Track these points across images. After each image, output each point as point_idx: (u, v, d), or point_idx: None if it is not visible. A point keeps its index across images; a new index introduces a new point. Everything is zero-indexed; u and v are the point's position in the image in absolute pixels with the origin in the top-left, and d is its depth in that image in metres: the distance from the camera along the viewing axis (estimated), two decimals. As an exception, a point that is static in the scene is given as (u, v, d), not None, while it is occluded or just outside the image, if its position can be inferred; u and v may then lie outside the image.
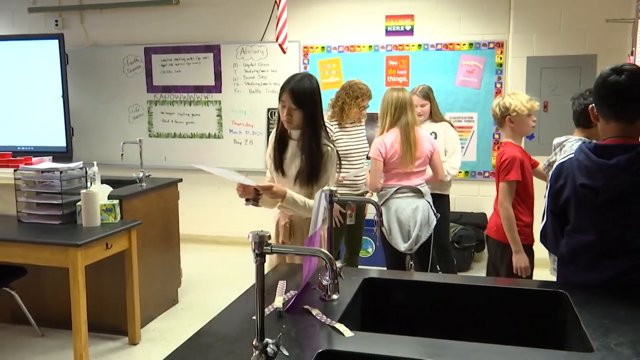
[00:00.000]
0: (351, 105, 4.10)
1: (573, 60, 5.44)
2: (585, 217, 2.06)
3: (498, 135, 5.80)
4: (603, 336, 1.63)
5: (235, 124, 6.53)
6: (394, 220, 3.79)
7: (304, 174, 2.69)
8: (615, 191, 1.95)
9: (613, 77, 1.96)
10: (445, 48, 5.84)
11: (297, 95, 2.66)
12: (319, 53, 6.17)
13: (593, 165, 1.98)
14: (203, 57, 6.51)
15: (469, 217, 5.81)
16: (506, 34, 5.71)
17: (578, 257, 2.10)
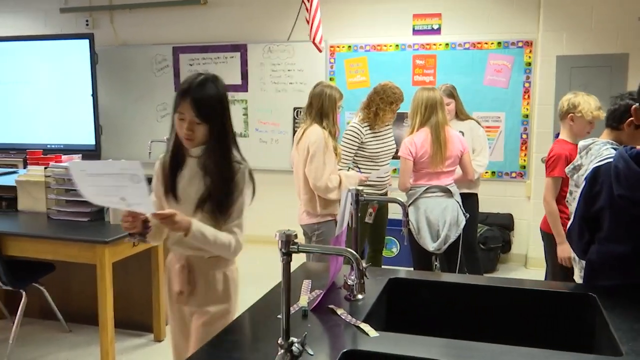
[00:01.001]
0: (386, 111, 4.09)
1: (604, 59, 5.34)
2: (620, 227, 1.99)
3: (526, 135, 5.74)
4: (633, 340, 1.60)
5: (261, 123, 6.56)
6: (423, 219, 3.78)
7: (209, 200, 2.11)
8: None
9: None
10: (473, 47, 5.80)
11: (201, 106, 2.10)
12: (345, 52, 6.17)
13: (633, 175, 1.88)
14: (230, 56, 6.56)
15: (495, 217, 5.75)
16: (535, 33, 5.63)
17: (609, 267, 2.05)
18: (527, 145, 5.76)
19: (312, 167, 3.50)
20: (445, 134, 3.78)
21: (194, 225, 2.03)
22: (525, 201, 5.82)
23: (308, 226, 3.69)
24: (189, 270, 2.19)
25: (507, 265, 5.86)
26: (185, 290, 2.19)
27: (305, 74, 6.27)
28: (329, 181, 3.50)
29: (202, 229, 2.05)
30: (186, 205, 2.14)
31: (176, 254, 2.24)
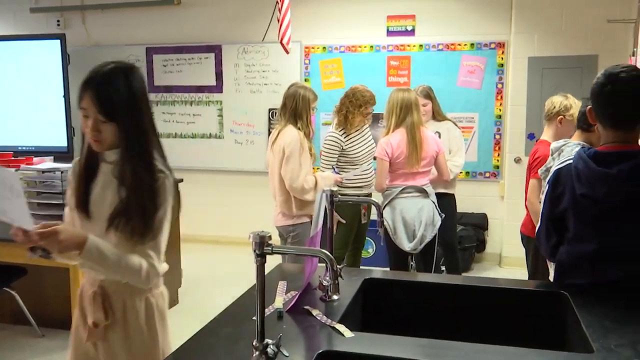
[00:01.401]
0: (355, 114, 4.09)
1: (574, 60, 5.43)
2: (585, 226, 2.02)
3: (499, 136, 5.80)
4: (603, 337, 1.63)
5: (236, 124, 6.53)
6: (399, 220, 3.80)
7: (123, 216, 1.75)
8: (616, 201, 1.92)
9: (609, 87, 1.92)
10: (447, 48, 5.85)
11: (105, 101, 1.75)
12: (320, 53, 6.18)
13: (593, 174, 1.93)
14: (204, 57, 6.52)
15: (469, 217, 5.81)
16: (507, 34, 5.70)
17: (578, 266, 2.07)
18: (500, 146, 5.82)
19: (288, 168, 3.49)
20: (420, 134, 3.81)
21: (89, 241, 1.65)
22: (499, 201, 5.88)
23: (284, 227, 3.68)
24: (103, 297, 1.82)
25: (482, 264, 5.93)
26: (100, 322, 1.81)
27: (280, 75, 6.26)
28: (305, 182, 3.50)
29: (100, 247, 1.67)
30: (98, 223, 1.78)
31: (88, 277, 1.86)
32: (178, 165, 6.67)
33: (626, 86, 1.89)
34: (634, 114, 1.93)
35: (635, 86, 1.89)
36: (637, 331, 1.66)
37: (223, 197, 6.64)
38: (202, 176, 6.64)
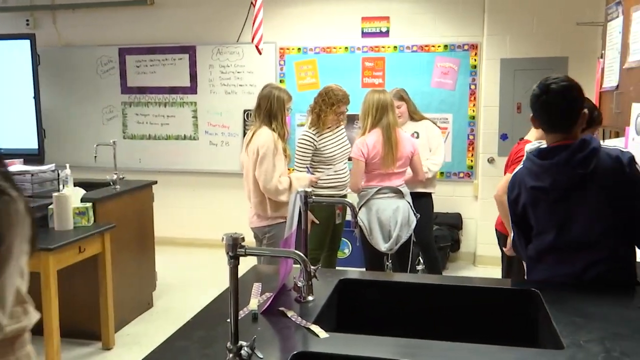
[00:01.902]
0: (327, 112, 4.11)
1: (545, 62, 5.52)
2: (543, 217, 2.17)
3: (473, 136, 5.87)
4: (573, 333, 1.66)
5: (210, 126, 6.50)
6: (374, 220, 3.81)
7: None
8: (562, 187, 2.09)
9: (543, 96, 2.11)
10: (421, 50, 5.89)
11: None
12: (295, 54, 6.18)
13: (539, 168, 2.13)
14: (178, 58, 6.47)
15: (444, 217, 5.86)
16: (480, 36, 5.77)
17: (543, 257, 2.19)
18: (474, 146, 5.89)
19: (262, 169, 3.49)
20: (396, 135, 3.83)
21: None
22: (473, 201, 5.95)
23: (259, 229, 3.67)
24: None
25: (457, 263, 5.98)
26: None
27: (255, 76, 6.24)
28: (279, 183, 3.50)
29: None
30: None
31: None
32: (152, 167, 6.67)
33: (557, 96, 2.08)
34: (566, 120, 2.10)
35: (565, 95, 2.08)
36: (605, 327, 1.70)
37: (198, 198, 6.60)
38: (177, 178, 6.59)
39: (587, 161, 2.03)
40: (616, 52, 3.03)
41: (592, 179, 2.04)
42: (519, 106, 5.63)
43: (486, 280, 2.46)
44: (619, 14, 3.00)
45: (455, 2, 5.81)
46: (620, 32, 2.95)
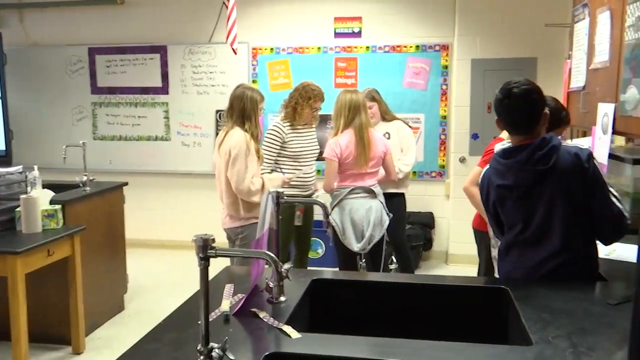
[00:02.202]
0: (304, 106, 4.14)
1: (515, 62, 5.60)
2: (509, 214, 2.27)
3: (444, 136, 5.92)
4: (541, 330, 1.68)
5: (183, 126, 6.44)
6: (347, 220, 3.82)
7: None
8: (524, 185, 2.18)
9: (505, 100, 2.20)
10: (393, 50, 5.93)
11: None
12: (267, 54, 6.16)
13: (503, 167, 2.24)
14: (149, 57, 6.40)
15: (416, 216, 5.90)
16: (451, 37, 5.83)
17: (509, 251, 2.30)
18: (445, 146, 5.94)
19: (234, 170, 3.47)
20: (368, 135, 3.85)
21: None
22: (445, 200, 6.00)
23: (231, 230, 3.65)
24: None
25: (429, 262, 6.03)
26: None
27: (227, 76, 6.20)
28: (252, 184, 3.48)
29: None
30: None
31: None
32: (123, 168, 6.59)
33: (519, 100, 2.18)
34: (528, 122, 2.20)
35: (526, 99, 2.18)
36: (573, 322, 1.73)
37: (170, 200, 6.54)
38: (148, 179, 6.51)
39: (547, 158, 2.13)
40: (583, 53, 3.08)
41: (551, 175, 2.13)
42: (489, 106, 5.69)
43: (458, 278, 2.49)
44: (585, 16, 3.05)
45: (427, 2, 5.86)
46: (587, 34, 3.00)
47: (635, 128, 2.27)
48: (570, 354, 1.53)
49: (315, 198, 4.32)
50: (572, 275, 2.14)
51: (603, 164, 2.59)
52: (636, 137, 2.69)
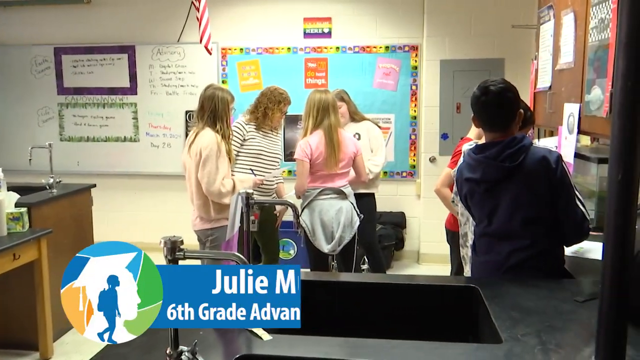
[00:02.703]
0: (274, 110, 4.14)
1: (483, 63, 5.67)
2: (477, 207, 2.34)
3: (415, 136, 5.96)
4: (511, 328, 1.70)
5: (152, 127, 6.36)
6: (317, 221, 3.81)
7: None
8: (491, 180, 2.24)
9: (482, 97, 2.24)
10: (363, 51, 5.94)
11: None
12: (237, 55, 6.12)
13: (474, 161, 2.30)
14: (117, 57, 6.30)
15: (388, 216, 5.93)
16: (420, 38, 5.87)
17: (478, 245, 2.37)
18: (416, 146, 5.98)
19: (205, 171, 3.44)
20: (338, 136, 3.84)
21: None
22: (416, 199, 6.04)
23: (202, 232, 3.61)
24: None
25: (401, 262, 6.06)
26: None
27: (196, 77, 6.14)
28: (222, 186, 3.46)
29: None
30: None
31: None
32: (91, 170, 6.47)
33: (495, 98, 2.22)
34: (503, 120, 2.25)
35: (502, 97, 2.22)
36: (542, 320, 1.75)
37: (139, 202, 6.45)
38: (117, 181, 6.42)
39: (515, 156, 2.18)
40: (548, 54, 3.13)
41: (518, 173, 2.18)
42: (458, 106, 5.75)
43: (429, 277, 2.50)
44: (550, 17, 3.10)
45: (396, 3, 5.89)
46: (552, 35, 3.05)
47: (600, 128, 2.32)
48: (539, 351, 1.55)
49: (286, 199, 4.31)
50: (537, 269, 2.19)
51: (569, 163, 2.63)
52: (601, 137, 2.74)
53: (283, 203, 4.19)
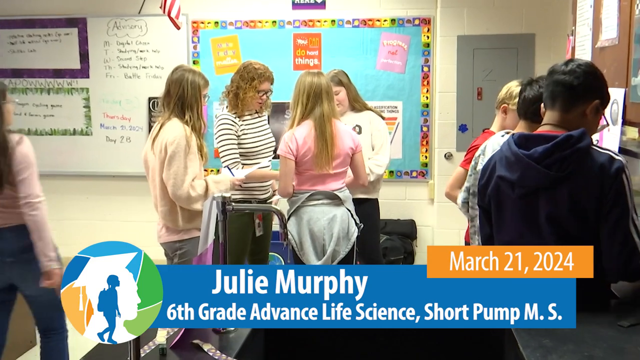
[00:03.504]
0: (246, 90, 4.07)
1: (509, 40, 5.70)
2: (504, 215, 2.25)
3: (427, 128, 5.98)
4: (542, 358, 1.71)
5: (107, 117, 6.36)
6: (305, 232, 3.79)
7: None
8: (530, 185, 2.15)
9: (559, 66, 2.19)
10: (364, 25, 5.97)
11: None
12: (212, 29, 6.13)
13: (512, 155, 2.18)
14: (64, 33, 6.30)
15: (395, 225, 5.94)
16: (433, 9, 5.90)
17: None
18: (428, 140, 6.01)
19: (171, 172, 3.44)
20: (332, 127, 3.80)
21: None
22: (429, 204, 6.06)
23: (168, 244, 3.62)
24: None
25: (410, 280, 6.07)
26: None
27: (162, 57, 6.15)
28: (192, 189, 3.45)
29: None
30: None
31: None
32: (33, 170, 6.39)
33: (576, 72, 2.14)
34: (572, 99, 2.16)
35: (585, 75, 2.14)
36: (579, 350, 1.77)
37: (92, 208, 6.44)
38: (65, 183, 6.41)
39: (566, 162, 2.07)
40: (588, 29, 3.16)
41: (566, 182, 2.08)
42: (479, 92, 5.78)
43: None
44: (590, -15, 3.13)
45: (404, -33, 5.92)
46: (592, 6, 3.08)
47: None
48: (576, 387, 1.56)
49: (276, 202, 4.29)
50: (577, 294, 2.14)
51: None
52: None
53: (266, 210, 4.19)
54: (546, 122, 2.22)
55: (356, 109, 4.54)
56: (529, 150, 2.14)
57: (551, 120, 2.20)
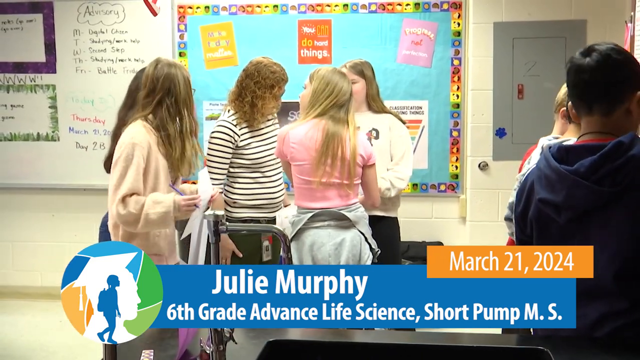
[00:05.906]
0: (266, 99, 4.09)
1: (556, 28, 5.70)
2: (552, 243, 2.17)
3: (457, 132, 5.98)
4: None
5: (77, 120, 6.39)
6: (308, 260, 3.71)
7: None
8: (578, 206, 2.11)
9: (579, 59, 2.17)
10: (382, 10, 5.98)
11: None
12: (201, 15, 6.16)
13: (553, 172, 2.15)
14: (27, 20, 6.35)
15: (419, 248, 5.92)
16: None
17: None
18: (459, 147, 6.00)
19: (109, 182, 3.39)
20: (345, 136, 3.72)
21: None
22: (460, 224, 6.05)
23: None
24: None
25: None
26: None
27: (142, 48, 6.18)
28: (121, 206, 3.28)
29: None
30: None
31: None
32: (-11, 182, 6.46)
33: (599, 56, 2.13)
34: (609, 96, 2.13)
35: (611, 61, 2.12)
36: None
37: (62, 228, 6.45)
38: (27, 198, 6.43)
39: (619, 174, 2.03)
40: (650, 15, 3.16)
41: (621, 198, 2.05)
42: (520, 89, 5.78)
43: (480, 336, 2.50)
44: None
45: (430, -58, 5.95)
46: (655, -13, 3.08)
47: None
48: None
49: (285, 218, 4.26)
50: (635, 340, 2.09)
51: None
52: None
53: (266, 231, 4.16)
54: (585, 130, 2.18)
55: (374, 110, 4.48)
56: (572, 165, 2.10)
57: (591, 128, 2.17)
